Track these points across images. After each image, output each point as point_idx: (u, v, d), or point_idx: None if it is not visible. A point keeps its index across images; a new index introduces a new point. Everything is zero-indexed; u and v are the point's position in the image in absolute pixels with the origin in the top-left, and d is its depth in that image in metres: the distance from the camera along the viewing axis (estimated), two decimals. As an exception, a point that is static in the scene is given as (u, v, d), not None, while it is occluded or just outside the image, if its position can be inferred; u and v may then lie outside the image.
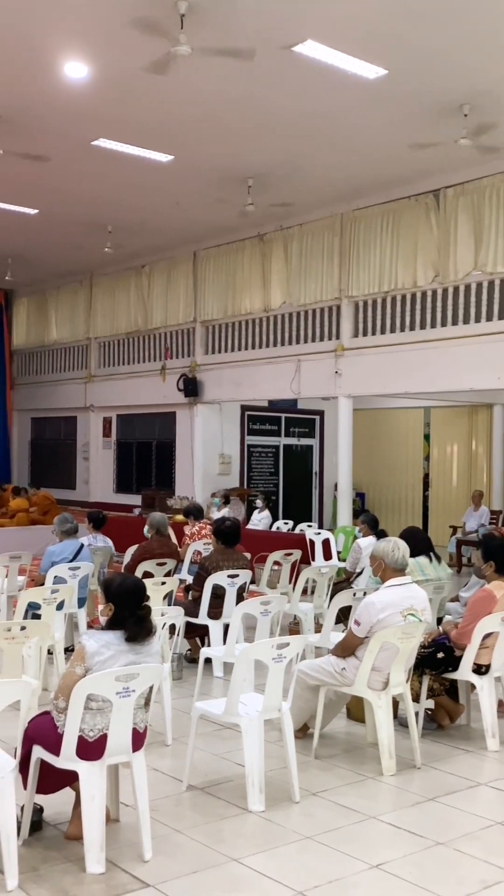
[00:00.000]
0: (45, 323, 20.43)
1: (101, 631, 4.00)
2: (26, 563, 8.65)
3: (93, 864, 3.67)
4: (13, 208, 13.48)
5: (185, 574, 8.78)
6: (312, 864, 3.82)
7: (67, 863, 3.77)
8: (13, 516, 15.24)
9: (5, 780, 3.63)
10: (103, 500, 18.23)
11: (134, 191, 12.51)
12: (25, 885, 3.56)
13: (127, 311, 17.73)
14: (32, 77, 8.77)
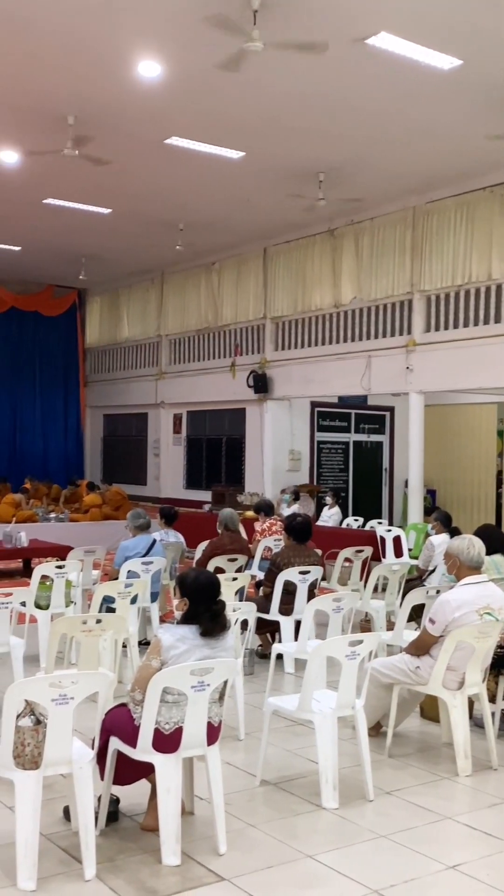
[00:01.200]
0: (117, 321, 20.70)
1: (177, 625, 4.03)
2: (100, 558, 8.76)
3: (169, 855, 3.70)
4: (87, 208, 13.68)
5: (255, 570, 8.81)
6: (388, 863, 3.79)
7: (143, 854, 3.81)
8: (87, 511, 15.48)
9: (83, 771, 3.69)
10: (173, 496, 18.40)
11: (205, 188, 12.58)
12: (102, 875, 3.61)
13: (197, 308, 17.84)
14: (106, 78, 8.87)
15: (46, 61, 8.56)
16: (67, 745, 3.65)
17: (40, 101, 9.50)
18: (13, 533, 11.46)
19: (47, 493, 18.11)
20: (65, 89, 9.20)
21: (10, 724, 3.58)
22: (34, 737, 3.59)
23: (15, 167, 11.72)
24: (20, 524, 12.75)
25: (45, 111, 9.75)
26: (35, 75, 8.87)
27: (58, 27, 7.85)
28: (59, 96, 9.38)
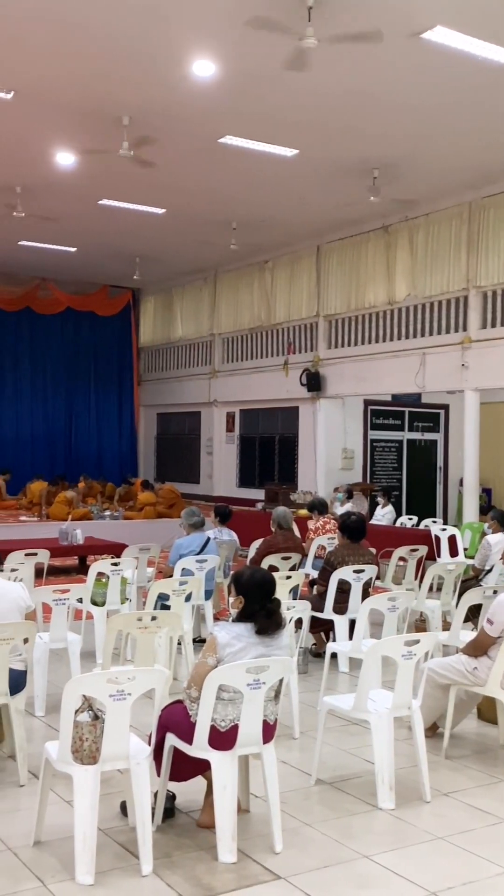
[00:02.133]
0: (170, 320, 20.82)
1: (232, 623, 4.03)
2: (155, 556, 8.83)
3: (225, 853, 3.71)
4: (142, 208, 13.78)
5: (309, 568, 8.78)
6: (445, 865, 3.75)
7: (200, 851, 3.83)
8: (141, 509, 15.61)
9: (141, 767, 3.72)
10: (226, 494, 18.45)
11: (258, 186, 12.58)
12: (159, 871, 3.63)
13: (250, 306, 17.86)
14: (161, 78, 8.92)
15: (101, 63, 8.64)
16: (125, 741, 3.68)
17: (96, 102, 9.59)
18: (69, 531, 11.60)
19: (102, 491, 18.33)
20: (120, 90, 9.28)
21: (68, 719, 3.62)
22: (92, 732, 3.63)
23: (71, 169, 11.85)
24: (76, 522, 12.91)
25: (101, 113, 9.84)
26: (90, 77, 8.96)
27: (112, 29, 7.92)
28: (115, 97, 9.46)
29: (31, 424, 20.87)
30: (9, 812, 4.21)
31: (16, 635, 4.62)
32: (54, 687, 6.01)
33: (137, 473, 21.18)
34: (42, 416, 21.05)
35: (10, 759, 4.82)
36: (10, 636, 4.57)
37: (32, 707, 5.66)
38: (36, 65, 8.68)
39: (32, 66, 8.70)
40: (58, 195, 13.09)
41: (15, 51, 8.37)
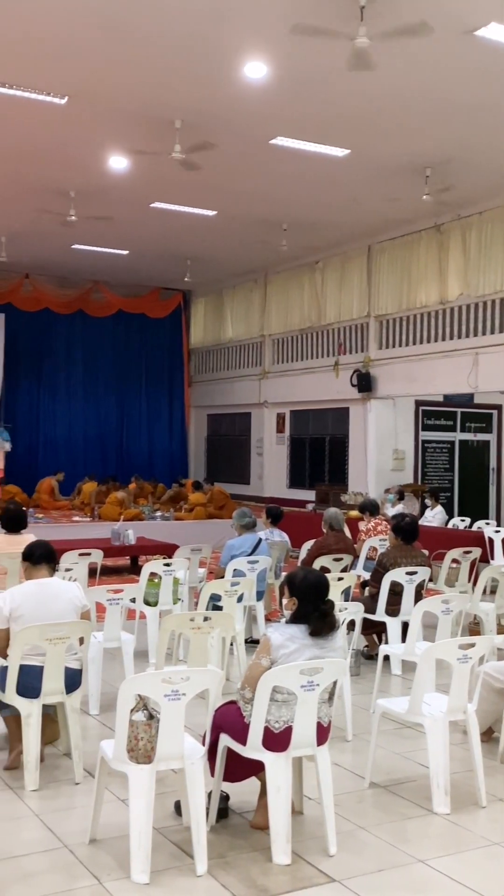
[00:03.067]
0: (220, 321, 20.90)
1: (286, 624, 4.03)
2: (206, 556, 8.86)
3: (279, 854, 3.71)
4: (193, 211, 13.85)
5: (360, 570, 8.75)
6: (502, 871, 3.70)
7: (254, 852, 3.83)
8: (192, 510, 15.68)
9: (195, 767, 3.73)
10: (276, 495, 18.45)
11: (310, 187, 12.56)
12: (214, 871, 3.64)
13: (300, 307, 17.84)
14: (213, 81, 8.96)
15: (154, 67, 8.70)
16: (179, 741, 3.70)
17: (148, 106, 9.67)
18: (121, 531, 11.70)
19: (153, 491, 18.45)
20: (172, 94, 9.33)
21: (123, 718, 3.65)
22: (147, 731, 3.66)
23: (123, 172, 11.96)
24: (127, 522, 13.02)
25: (153, 116, 9.91)
26: (143, 81, 9.03)
27: (165, 33, 7.97)
28: (167, 101, 9.52)
29: (83, 425, 21.10)
30: (65, 810, 4.26)
31: (72, 634, 4.67)
32: (108, 686, 6.08)
33: (188, 474, 21.30)
34: (94, 417, 21.27)
35: (65, 757, 4.88)
36: (66, 635, 4.62)
37: (87, 706, 5.73)
38: (89, 70, 8.77)
39: (86, 71, 8.79)
40: (110, 199, 13.22)
41: (69, 56, 8.47)
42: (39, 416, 20.73)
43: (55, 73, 8.87)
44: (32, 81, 9.08)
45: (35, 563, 4.96)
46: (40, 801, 4.33)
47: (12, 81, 9.06)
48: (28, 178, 12.34)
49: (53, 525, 14.12)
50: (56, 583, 4.96)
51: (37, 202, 13.46)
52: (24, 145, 10.99)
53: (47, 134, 10.61)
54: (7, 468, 19.02)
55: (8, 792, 4.45)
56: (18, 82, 9.08)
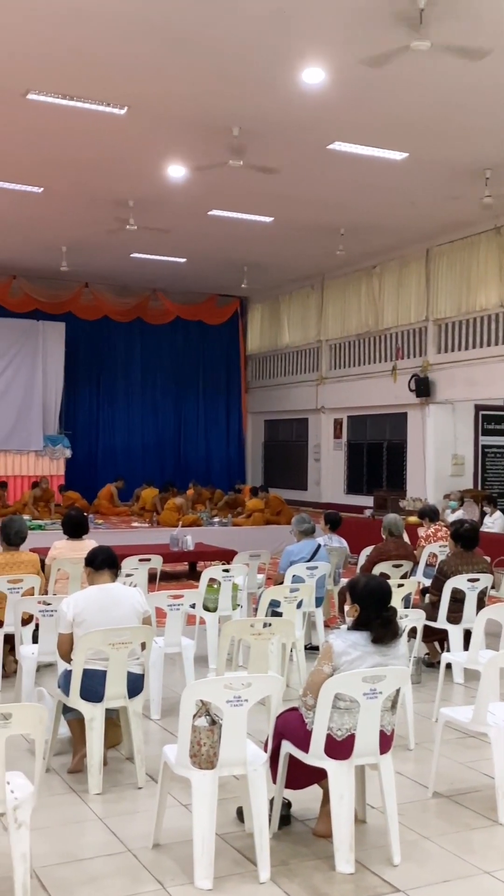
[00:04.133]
0: (277, 327, 20.92)
1: (348, 631, 4.01)
2: (265, 562, 8.87)
3: (342, 863, 3.68)
4: (250, 217, 13.89)
5: (420, 576, 8.66)
6: None
7: (317, 860, 3.81)
8: (249, 516, 15.71)
9: (258, 773, 3.73)
10: (334, 501, 18.37)
11: (367, 191, 12.50)
12: (277, 878, 3.63)
13: (358, 312, 17.77)
14: (270, 87, 8.98)
15: (212, 76, 8.75)
16: (242, 747, 3.70)
17: (206, 115, 9.73)
18: (179, 537, 11.78)
19: (210, 497, 18.53)
20: (229, 102, 9.38)
21: (186, 723, 3.66)
22: (210, 737, 3.66)
23: (181, 181, 12.05)
24: (186, 528, 13.09)
25: (211, 124, 9.97)
26: (201, 90, 9.09)
27: (222, 41, 8.01)
28: (225, 109, 9.58)
29: (141, 432, 21.30)
30: (128, 814, 4.30)
31: (134, 640, 4.71)
32: (169, 691, 6.12)
33: (245, 480, 21.34)
34: (152, 424, 21.46)
35: (128, 761, 4.92)
36: (128, 640, 4.66)
37: (149, 710, 5.76)
38: (148, 80, 8.87)
39: (145, 81, 8.89)
40: (169, 207, 13.33)
41: (128, 67, 8.57)
42: (99, 423, 20.98)
43: (115, 84, 8.98)
44: (93, 93, 9.21)
45: (97, 568, 5.01)
46: (104, 805, 4.37)
47: (73, 93, 9.20)
48: (88, 188, 12.52)
49: (113, 531, 14.26)
50: (118, 588, 5.00)
51: (97, 212, 13.64)
52: (84, 156, 11.15)
53: (107, 144, 10.75)
54: (67, 475, 19.30)
55: (72, 795, 4.50)
56: (79, 94, 9.22)
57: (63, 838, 4.00)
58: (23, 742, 4.74)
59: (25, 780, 3.48)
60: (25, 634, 6.11)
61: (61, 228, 14.84)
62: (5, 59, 8.42)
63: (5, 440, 18.70)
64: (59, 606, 4.98)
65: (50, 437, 19.21)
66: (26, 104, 9.41)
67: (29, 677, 5.77)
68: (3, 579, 6.47)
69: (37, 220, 14.33)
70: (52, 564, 7.41)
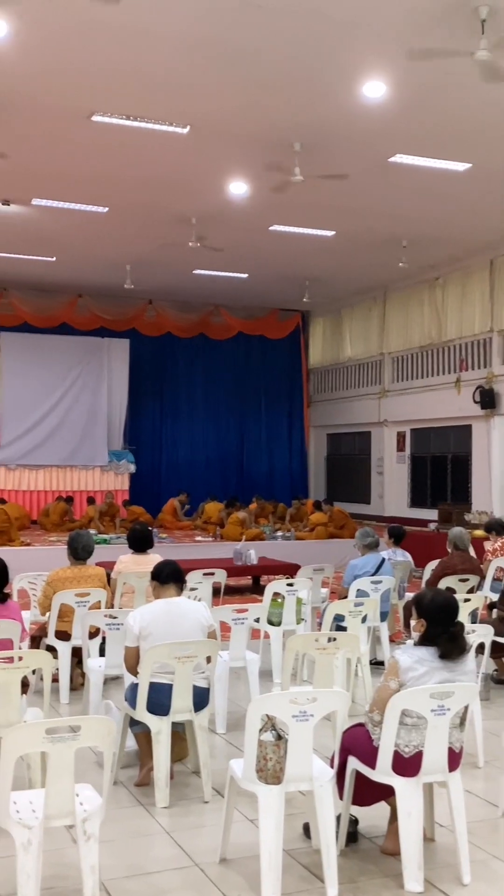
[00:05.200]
0: (339, 341, 20.90)
1: (414, 647, 3.97)
2: (328, 576, 8.83)
3: (411, 881, 3.63)
4: (312, 232, 13.93)
5: (487, 591, 8.52)
6: None
7: (385, 878, 3.77)
8: (312, 529, 15.66)
9: (324, 789, 3.71)
10: (397, 514, 18.22)
11: (430, 203, 12.44)
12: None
13: (420, 324, 17.65)
14: (331, 102, 9.02)
15: (272, 93, 8.82)
16: (308, 762, 3.69)
17: (267, 131, 9.81)
18: (243, 551, 11.81)
19: (273, 511, 18.53)
20: (290, 117, 9.44)
21: (252, 738, 3.66)
22: (276, 752, 3.66)
23: (243, 198, 12.15)
24: (249, 542, 13.12)
25: (272, 140, 10.04)
26: (262, 107, 9.17)
27: (282, 58, 8.08)
28: (285, 125, 9.64)
29: (204, 447, 21.45)
30: (195, 828, 4.31)
31: (199, 653, 4.73)
32: (234, 704, 6.12)
33: (308, 494, 21.30)
34: (215, 438, 21.59)
35: (194, 775, 4.93)
36: (193, 654, 4.68)
37: (214, 724, 5.77)
38: (210, 99, 8.98)
39: (206, 100, 9.00)
40: (230, 224, 13.44)
41: (190, 87, 8.69)
42: (162, 438, 21.20)
43: (177, 103, 9.11)
44: (155, 113, 9.36)
45: (163, 582, 5.05)
46: (171, 819, 4.39)
47: (136, 114, 9.36)
48: (151, 207, 12.70)
49: (177, 545, 14.35)
50: (184, 602, 5.03)
51: (160, 230, 13.83)
52: (147, 175, 11.32)
53: (170, 163, 10.91)
54: (132, 489, 19.53)
55: (139, 808, 4.53)
56: (142, 114, 9.38)
57: (131, 851, 4.03)
58: (90, 754, 4.79)
59: (94, 793, 3.52)
60: (92, 647, 6.18)
61: (126, 247, 15.08)
62: (70, 82, 8.62)
63: (71, 456, 19.03)
64: (125, 620, 5.03)
65: (115, 452, 19.49)
66: (91, 126, 9.61)
67: (96, 690, 5.83)
68: (70, 593, 6.57)
69: (102, 240, 14.59)
70: (118, 578, 7.49)
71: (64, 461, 19.03)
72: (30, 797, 3.52)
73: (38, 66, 8.30)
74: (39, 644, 6.66)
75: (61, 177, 11.45)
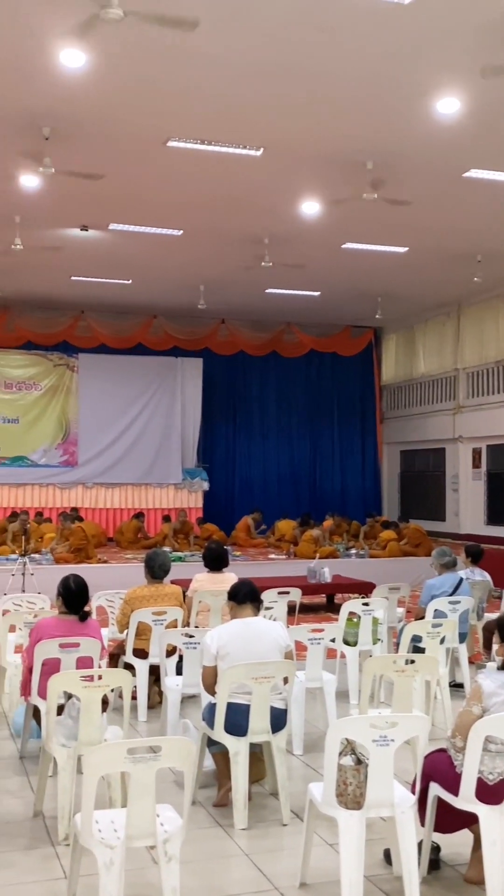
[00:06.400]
0: (412, 357, 20.73)
1: (498, 671, 3.90)
2: (404, 595, 8.73)
3: (496, 913, 3.56)
4: (384, 249, 13.88)
5: None
6: None
7: (468, 907, 3.70)
8: (385, 547, 15.52)
9: (406, 816, 3.66)
10: (473, 532, 17.92)
11: (504, 217, 12.30)
12: (427, 924, 3.55)
13: (496, 338, 17.40)
14: (405, 120, 9.00)
15: (344, 112, 8.85)
16: (389, 788, 3.65)
17: (339, 150, 9.83)
18: (317, 569, 11.76)
19: (347, 529, 18.43)
20: (363, 136, 9.45)
21: (332, 761, 3.64)
22: (356, 776, 3.63)
23: (315, 216, 12.18)
24: (323, 560, 13.05)
25: (345, 159, 10.06)
26: (334, 126, 9.20)
27: (353, 78, 8.10)
28: (358, 144, 9.65)
29: (276, 464, 21.47)
30: (274, 850, 4.29)
31: (277, 674, 4.73)
32: (310, 725, 6.08)
33: (381, 511, 21.12)
34: (287, 455, 21.59)
35: (272, 797, 4.92)
36: (271, 674, 4.68)
37: (290, 745, 5.75)
38: (282, 120, 9.05)
39: (279, 122, 9.07)
40: (303, 242, 13.49)
41: (263, 109, 8.78)
42: (235, 456, 21.29)
43: (251, 126, 9.21)
44: (229, 136, 9.48)
45: (240, 602, 5.06)
46: (249, 841, 4.38)
47: (210, 138, 9.49)
48: (225, 228, 12.83)
49: (251, 563, 14.38)
50: (261, 622, 5.04)
51: (233, 250, 13.95)
52: (221, 197, 11.45)
53: (243, 185, 11.02)
54: (205, 507, 19.66)
55: (218, 829, 4.53)
56: (216, 138, 9.51)
57: (211, 873, 4.03)
58: (167, 773, 4.82)
59: (174, 813, 3.54)
60: (169, 666, 6.23)
61: (199, 268, 15.25)
62: (147, 110, 8.79)
63: (146, 474, 19.26)
64: (202, 640, 5.06)
65: (188, 470, 19.65)
66: (167, 151, 9.78)
67: (174, 709, 5.87)
68: (147, 611, 6.64)
69: (176, 262, 14.79)
70: (194, 597, 7.54)
71: (139, 479, 19.28)
72: (111, 817, 3.56)
73: (115, 95, 8.49)
74: (117, 662, 6.74)
75: (137, 201, 11.67)
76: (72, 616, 5.20)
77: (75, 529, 14.41)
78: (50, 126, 9.13)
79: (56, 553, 14.01)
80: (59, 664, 4.93)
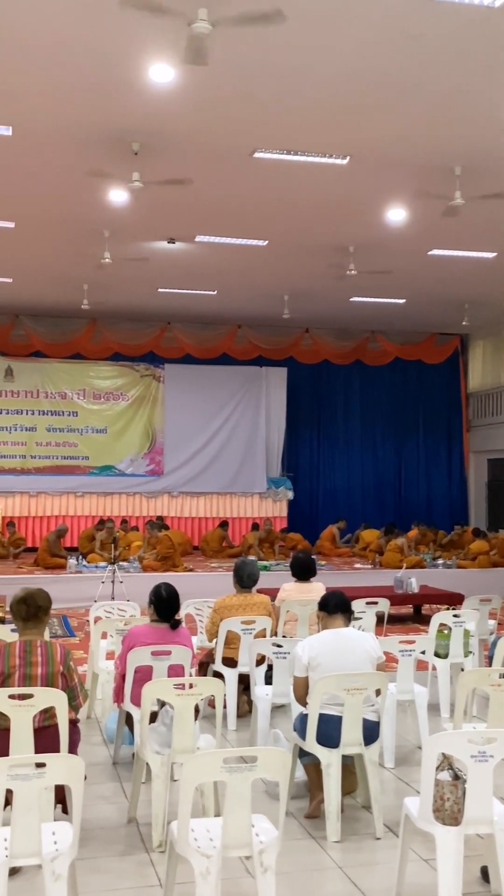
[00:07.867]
0: (500, 364, 20.33)
1: None
2: (496, 607, 8.56)
3: None
4: (472, 254, 13.68)
5: None
6: None
7: None
8: (475, 558, 15.26)
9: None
10: None
11: None
12: None
13: None
14: (493, 123, 8.83)
15: (431, 117, 8.74)
16: (489, 804, 3.58)
17: (426, 157, 9.72)
18: (404, 579, 11.63)
19: (434, 538, 18.18)
20: (450, 142, 9.32)
21: (429, 776, 3.59)
22: (453, 792, 3.57)
23: (401, 224, 12.07)
24: (410, 570, 12.91)
25: (432, 166, 9.94)
26: (421, 133, 9.10)
27: (440, 82, 7.99)
28: (446, 150, 9.53)
29: (361, 473, 21.32)
30: (368, 865, 4.25)
31: (369, 686, 4.69)
32: (401, 738, 6.01)
33: (468, 521, 20.77)
34: (372, 464, 21.43)
35: (364, 810, 4.87)
36: (363, 686, 4.65)
37: (382, 758, 5.69)
38: (368, 128, 9.00)
39: (366, 130, 9.03)
40: (388, 250, 13.38)
41: (348, 118, 8.75)
42: (320, 465, 21.23)
43: (336, 135, 9.19)
44: (315, 146, 9.47)
45: (331, 612, 5.05)
46: (342, 854, 4.35)
47: (296, 148, 9.51)
48: (309, 237, 12.83)
49: (337, 572, 14.32)
50: (352, 633, 5.01)
51: (317, 259, 13.94)
52: (306, 207, 11.46)
53: (328, 194, 11.00)
54: (290, 516, 19.66)
55: (310, 841, 4.51)
56: (302, 148, 9.52)
57: (305, 885, 4.02)
58: (258, 783, 4.82)
59: (269, 824, 3.54)
60: (259, 675, 6.24)
61: (284, 278, 15.29)
62: (234, 122, 8.87)
63: (231, 483, 19.38)
64: (293, 650, 5.06)
65: (273, 479, 19.70)
66: (253, 162, 9.84)
67: (264, 718, 5.88)
68: (236, 620, 6.66)
69: (261, 272, 14.85)
70: (282, 606, 7.54)
71: (224, 488, 19.41)
72: (207, 825, 3.58)
73: (203, 108, 8.58)
74: (206, 670, 6.79)
75: (223, 213, 11.77)
76: (163, 624, 5.27)
77: (162, 538, 14.58)
78: (140, 141, 9.30)
79: (144, 561, 14.20)
80: (152, 672, 4.99)
